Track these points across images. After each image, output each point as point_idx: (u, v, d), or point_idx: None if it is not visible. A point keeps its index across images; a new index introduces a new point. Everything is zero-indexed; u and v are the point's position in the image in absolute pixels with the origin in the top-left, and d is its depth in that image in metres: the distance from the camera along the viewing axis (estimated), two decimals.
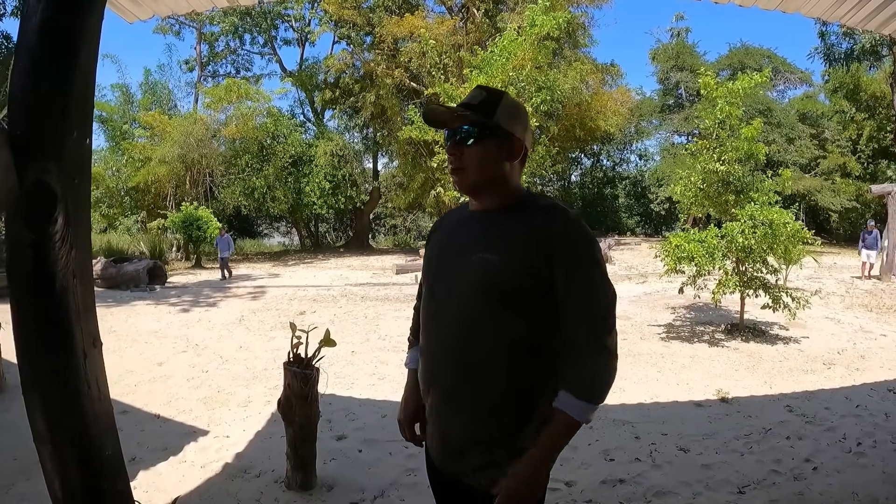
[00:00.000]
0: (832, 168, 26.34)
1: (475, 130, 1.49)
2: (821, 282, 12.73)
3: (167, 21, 25.53)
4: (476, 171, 1.50)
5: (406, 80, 22.10)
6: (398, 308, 10.41)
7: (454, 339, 1.51)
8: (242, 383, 5.76)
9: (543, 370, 1.46)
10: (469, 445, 1.51)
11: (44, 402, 1.60)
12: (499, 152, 1.51)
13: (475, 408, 1.49)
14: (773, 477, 3.63)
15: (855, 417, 4.71)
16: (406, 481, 3.56)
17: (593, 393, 1.41)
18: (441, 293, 1.57)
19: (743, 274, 7.68)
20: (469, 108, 1.51)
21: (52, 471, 1.62)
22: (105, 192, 21.55)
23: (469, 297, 1.47)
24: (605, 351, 1.42)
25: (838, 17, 3.37)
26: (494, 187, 1.53)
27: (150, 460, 3.78)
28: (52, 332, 1.57)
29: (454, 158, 1.51)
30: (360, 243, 27.68)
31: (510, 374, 1.45)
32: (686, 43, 32.49)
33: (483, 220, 1.55)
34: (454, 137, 1.51)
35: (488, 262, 1.44)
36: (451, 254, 1.58)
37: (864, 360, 6.65)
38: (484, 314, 1.45)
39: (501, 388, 1.46)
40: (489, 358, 1.46)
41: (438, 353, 1.56)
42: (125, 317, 9.36)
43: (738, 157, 7.84)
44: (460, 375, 1.50)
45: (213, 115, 21.79)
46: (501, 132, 1.50)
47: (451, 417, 1.54)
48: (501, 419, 1.47)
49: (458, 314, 1.50)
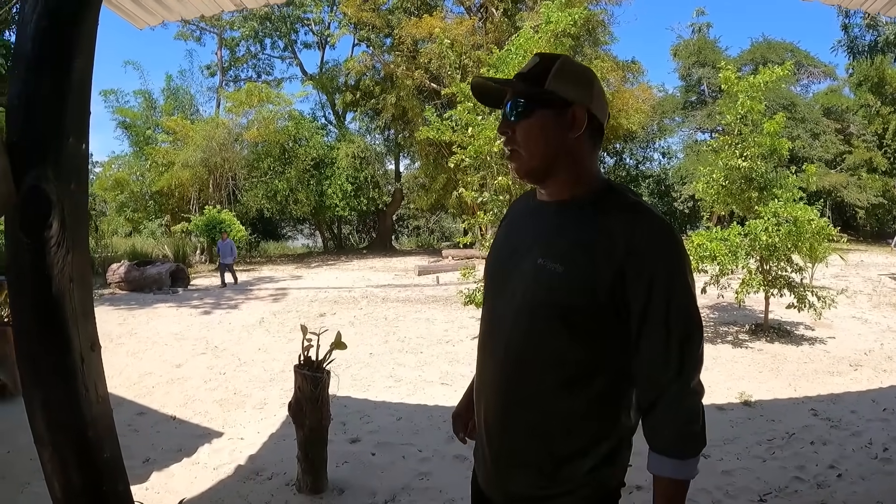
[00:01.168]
0: (858, 163, 25.70)
1: (521, 102, 1.27)
2: (847, 280, 12.44)
3: (188, 27, 25.88)
4: (530, 151, 1.27)
5: (426, 81, 22.10)
6: (419, 310, 10.41)
7: (503, 352, 1.32)
8: (259, 385, 5.79)
9: (603, 398, 1.26)
10: (512, 471, 1.34)
11: (43, 405, 1.62)
12: (556, 124, 1.26)
13: (521, 431, 1.31)
14: (796, 484, 3.52)
15: (882, 422, 4.56)
16: (418, 485, 3.54)
17: (694, 447, 1.20)
18: (495, 299, 1.39)
19: (767, 273, 7.52)
20: (521, 78, 1.30)
21: (51, 472, 1.64)
22: (129, 197, 21.89)
23: (522, 309, 1.27)
24: (694, 396, 1.22)
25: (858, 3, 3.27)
26: (560, 170, 1.29)
27: (164, 461, 3.81)
28: (49, 335, 1.58)
29: (507, 139, 1.30)
30: (383, 245, 27.76)
31: (561, 401, 1.26)
32: (707, 38, 32.02)
33: (548, 214, 1.33)
34: (503, 116, 1.31)
35: (547, 272, 1.23)
36: (508, 253, 1.38)
37: (891, 362, 6.46)
38: (537, 330, 1.25)
39: (550, 412, 1.27)
40: (539, 379, 1.27)
41: (488, 365, 1.37)
42: (147, 319, 9.50)
43: (760, 153, 7.67)
44: (507, 394, 1.32)
45: (235, 119, 22.02)
46: (557, 100, 1.26)
47: (496, 438, 1.36)
48: (550, 448, 1.28)
49: (509, 326, 1.30)
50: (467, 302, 7.89)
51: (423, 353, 7.15)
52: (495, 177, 7.94)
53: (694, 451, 1.20)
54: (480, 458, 1.46)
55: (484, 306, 1.45)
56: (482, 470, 1.45)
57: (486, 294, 1.45)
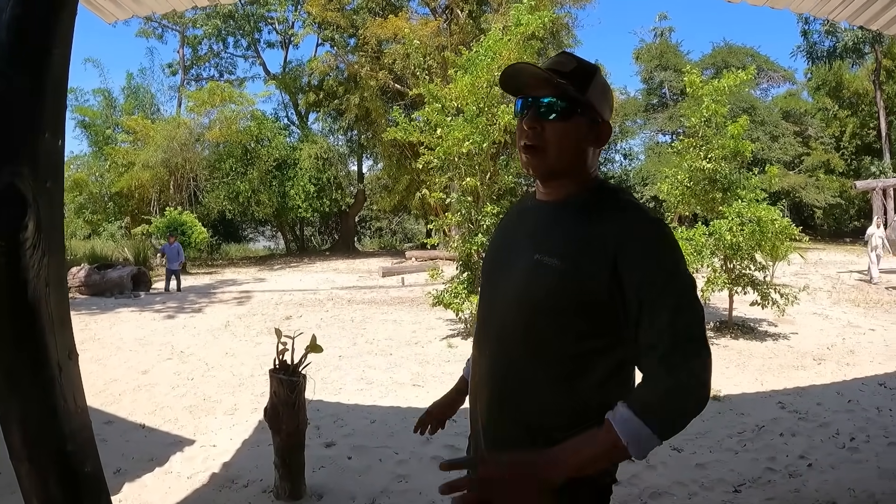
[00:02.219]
0: (816, 165, 26.65)
1: (563, 104, 1.24)
2: (807, 278, 12.85)
3: (149, 24, 25.27)
4: (558, 153, 1.26)
5: (390, 82, 22.01)
6: (385, 311, 10.37)
7: (499, 349, 1.31)
8: (228, 391, 5.67)
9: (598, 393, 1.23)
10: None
11: (19, 418, 1.52)
12: (586, 135, 1.27)
13: (518, 427, 1.29)
14: (769, 475, 3.61)
15: (847, 413, 4.73)
16: (397, 488, 3.50)
17: (661, 417, 1.12)
18: (490, 297, 1.38)
19: (731, 271, 7.70)
20: (558, 75, 1.25)
21: (30, 489, 1.54)
22: (88, 198, 21.25)
23: (519, 305, 1.27)
24: (688, 373, 1.13)
25: (826, 12, 3.37)
26: (572, 175, 1.29)
27: (136, 472, 3.68)
28: (25, 343, 1.49)
29: (532, 133, 1.26)
30: (346, 246, 27.53)
31: (558, 396, 1.24)
32: (669, 42, 32.81)
33: (544, 212, 1.33)
34: (536, 108, 1.26)
35: (544, 267, 1.22)
36: (503, 251, 1.39)
37: (853, 355, 6.69)
38: (533, 326, 1.24)
39: (547, 408, 1.25)
40: (536, 375, 1.26)
41: (487, 366, 1.36)
42: (109, 324, 9.22)
43: (724, 155, 7.86)
44: (503, 391, 1.31)
45: (197, 118, 21.60)
46: (593, 112, 1.26)
47: (493, 434, 1.34)
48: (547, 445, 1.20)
49: (505, 323, 1.30)
50: (435, 303, 7.87)
51: (392, 355, 7.11)
52: (463, 178, 7.92)
53: (665, 432, 1.13)
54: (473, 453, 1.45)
55: (479, 305, 1.45)
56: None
57: (482, 293, 1.44)
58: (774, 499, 3.28)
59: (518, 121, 1.31)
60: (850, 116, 27.50)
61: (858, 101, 27.64)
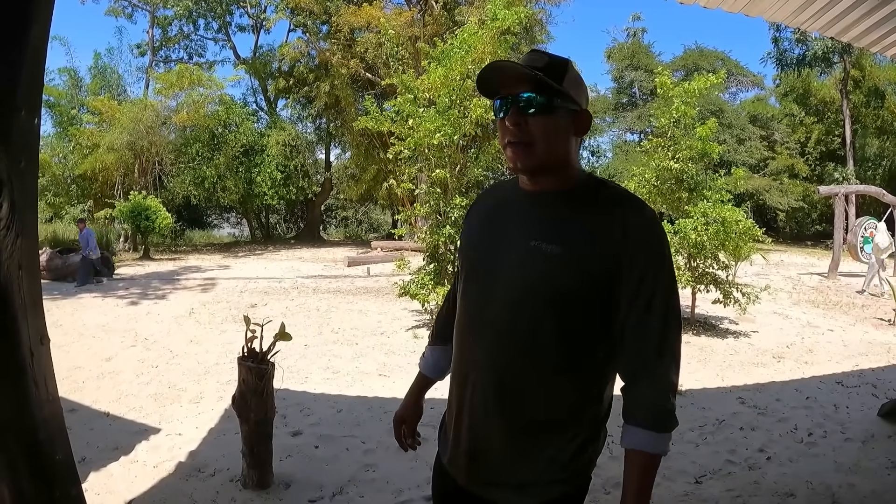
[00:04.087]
0: (781, 169, 27.25)
1: (542, 98, 1.25)
2: (769, 278, 13.17)
3: (119, 3, 24.52)
4: (545, 146, 1.27)
5: (361, 71, 21.78)
6: (350, 301, 10.35)
7: (498, 343, 1.31)
8: (194, 378, 5.60)
9: (590, 384, 1.32)
10: (496, 459, 1.35)
11: None
12: (568, 125, 1.30)
13: (509, 419, 1.32)
14: (729, 467, 3.73)
15: (805, 409, 4.89)
16: (364, 477, 3.53)
17: (670, 422, 1.26)
18: (485, 288, 1.35)
19: (695, 269, 7.86)
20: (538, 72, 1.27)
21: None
22: (51, 180, 20.51)
23: (520, 294, 1.27)
24: (673, 376, 1.28)
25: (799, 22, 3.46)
26: (559, 166, 1.31)
27: (101, 461, 3.62)
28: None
29: (517, 130, 1.27)
30: (312, 235, 27.23)
31: (553, 387, 1.29)
32: (642, 43, 33.11)
33: (537, 202, 1.34)
34: (516, 105, 1.26)
35: (543, 254, 1.25)
36: (492, 241, 1.37)
37: (812, 354, 6.91)
38: (530, 314, 1.27)
39: (542, 399, 1.29)
40: (532, 365, 1.29)
41: (478, 359, 1.35)
42: (72, 310, 9.00)
43: (691, 156, 8.00)
44: (503, 386, 1.31)
45: (164, 101, 21.01)
46: (571, 102, 1.29)
47: (488, 435, 1.35)
48: (538, 435, 1.31)
49: (505, 315, 1.30)
50: (402, 294, 7.87)
51: (358, 345, 7.10)
52: (432, 169, 7.92)
53: (669, 426, 1.26)
54: (455, 447, 1.44)
55: (465, 300, 1.42)
56: (458, 459, 1.44)
57: (469, 285, 1.41)
58: (734, 490, 3.39)
59: (499, 121, 1.32)
60: (815, 123, 28.18)
61: (825, 109, 28.31)
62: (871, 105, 26.41)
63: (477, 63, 8.14)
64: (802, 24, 3.48)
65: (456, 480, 1.45)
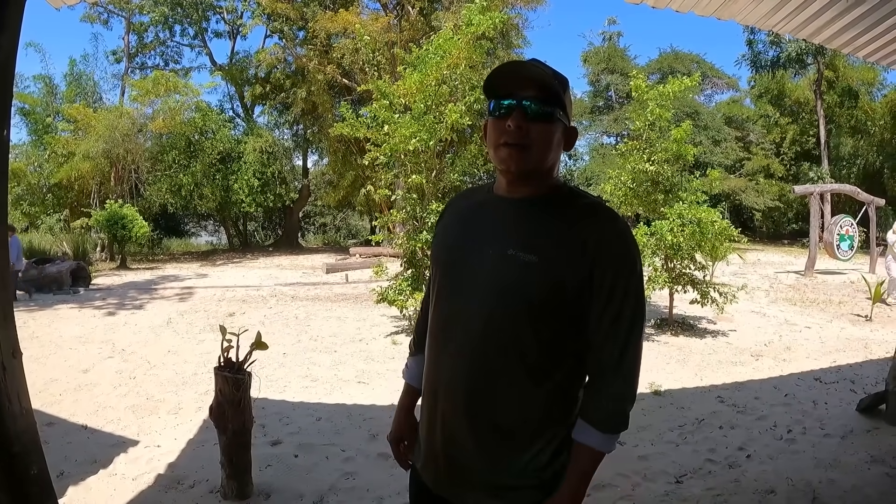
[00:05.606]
0: (756, 169, 27.68)
1: (548, 108, 1.29)
2: (746, 277, 13.34)
3: (95, 9, 24.17)
4: (541, 153, 1.30)
5: (338, 77, 21.77)
6: (329, 308, 10.28)
7: (467, 347, 1.32)
8: (172, 389, 5.51)
9: (562, 390, 1.33)
10: (473, 466, 1.35)
11: None
12: (560, 138, 1.34)
13: (485, 426, 1.32)
14: (709, 466, 3.76)
15: (784, 406, 4.95)
16: (344, 485, 3.50)
17: (621, 424, 1.31)
18: (459, 292, 1.36)
19: (672, 270, 7.95)
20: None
21: None
22: (26, 189, 20.17)
23: (495, 299, 1.29)
24: (632, 381, 1.33)
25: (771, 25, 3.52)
26: (543, 175, 1.35)
27: (79, 474, 3.55)
28: None
29: (519, 133, 1.27)
30: (290, 242, 27.05)
31: (525, 393, 1.30)
32: (617, 46, 33.41)
33: (513, 208, 1.35)
34: (521, 108, 1.28)
35: (519, 261, 1.26)
36: (468, 245, 1.37)
37: (790, 352, 7.01)
38: (502, 321, 1.28)
39: (514, 405, 1.31)
40: (504, 371, 1.29)
41: (450, 363, 1.36)
42: (48, 321, 8.83)
43: (667, 158, 8.09)
44: (476, 392, 1.32)
45: (140, 108, 20.76)
46: (566, 117, 1.33)
47: (461, 440, 1.35)
48: (513, 441, 1.32)
49: (478, 319, 1.30)
50: (380, 300, 7.85)
51: (337, 353, 7.06)
52: (409, 175, 7.92)
53: (619, 429, 1.32)
54: (428, 452, 1.44)
55: (437, 304, 1.43)
56: (431, 464, 1.44)
57: (442, 290, 1.42)
58: (715, 489, 3.41)
59: (497, 120, 1.32)
60: (790, 124, 28.69)
61: (799, 110, 28.85)
62: (845, 105, 26.99)
63: (452, 68, 8.18)
64: (774, 26, 3.54)
65: (429, 486, 1.45)
